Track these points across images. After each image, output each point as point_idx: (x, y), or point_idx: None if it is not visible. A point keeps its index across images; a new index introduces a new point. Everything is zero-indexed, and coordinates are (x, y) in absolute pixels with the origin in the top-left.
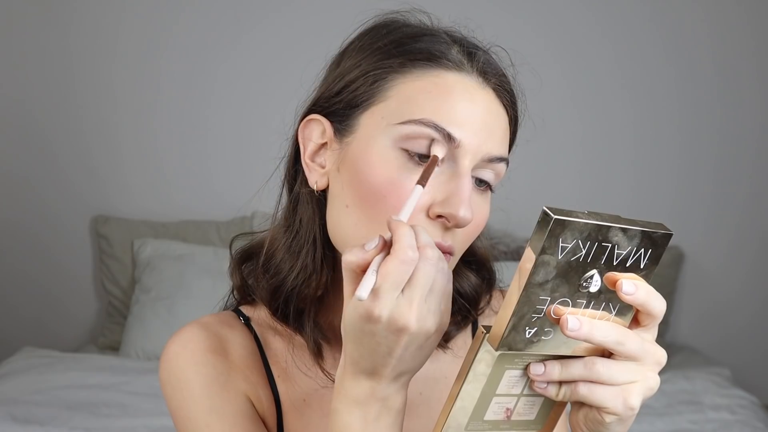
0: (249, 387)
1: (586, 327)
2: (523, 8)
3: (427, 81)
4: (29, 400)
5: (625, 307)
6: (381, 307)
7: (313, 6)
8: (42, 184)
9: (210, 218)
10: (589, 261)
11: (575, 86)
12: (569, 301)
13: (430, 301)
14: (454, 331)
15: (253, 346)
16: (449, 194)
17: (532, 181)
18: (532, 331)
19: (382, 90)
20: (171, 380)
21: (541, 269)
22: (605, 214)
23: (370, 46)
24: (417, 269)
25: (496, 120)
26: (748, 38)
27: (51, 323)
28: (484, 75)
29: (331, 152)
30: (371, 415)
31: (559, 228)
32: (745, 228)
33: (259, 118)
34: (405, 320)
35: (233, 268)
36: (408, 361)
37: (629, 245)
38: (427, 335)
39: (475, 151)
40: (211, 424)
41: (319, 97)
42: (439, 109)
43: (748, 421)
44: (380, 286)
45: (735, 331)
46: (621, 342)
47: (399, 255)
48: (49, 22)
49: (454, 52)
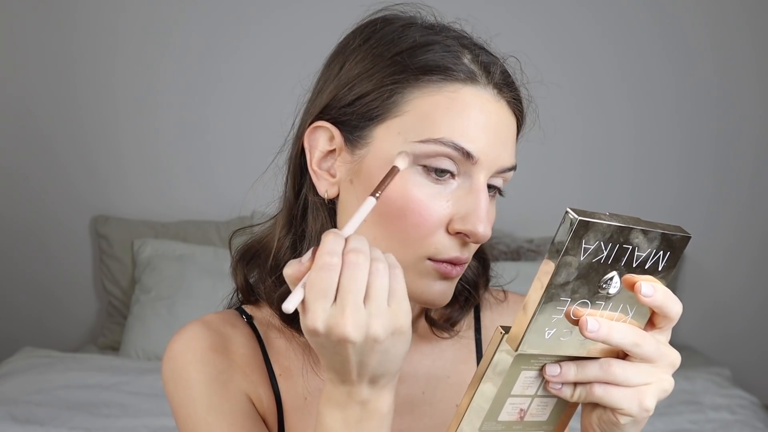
0: (249, 386)
1: (605, 329)
2: (524, 8)
3: (443, 96)
4: (29, 400)
5: (641, 309)
6: (313, 318)
7: (315, 6)
8: (42, 184)
9: (210, 218)
10: (609, 263)
11: (575, 85)
12: (588, 302)
13: (370, 305)
14: (458, 315)
15: (255, 345)
16: (468, 211)
17: (531, 181)
18: (552, 332)
19: (398, 104)
20: (173, 378)
21: (563, 270)
22: (625, 216)
23: (381, 54)
24: (342, 276)
25: (507, 131)
26: (747, 38)
27: (51, 323)
28: (499, 88)
29: (342, 162)
30: (352, 418)
31: (583, 229)
32: (746, 228)
33: (260, 118)
34: (341, 330)
35: (234, 268)
36: (375, 366)
37: (649, 247)
38: (376, 340)
39: (490, 166)
40: (212, 423)
41: (327, 104)
42: (457, 127)
43: (748, 421)
44: (306, 297)
45: (735, 331)
46: (638, 344)
47: (317, 262)
48: (50, 22)
49: (467, 62)
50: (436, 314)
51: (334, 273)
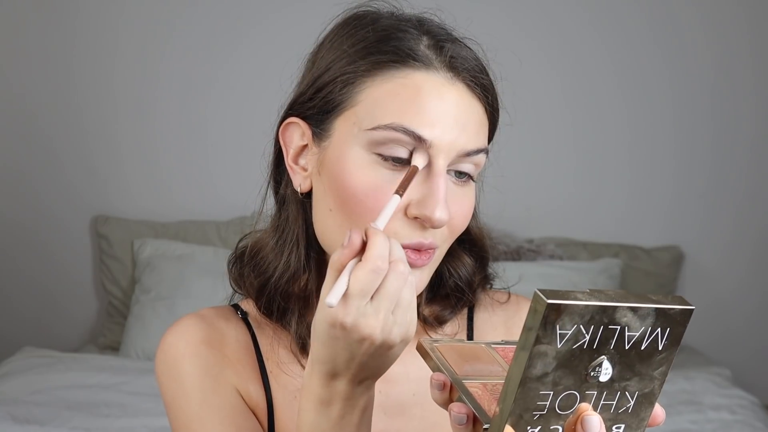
0: (240, 381)
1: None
2: (517, 8)
3: (395, 83)
4: (29, 400)
5: (645, 395)
6: (346, 313)
7: (313, 7)
8: (42, 184)
9: (210, 218)
10: (595, 347)
11: (570, 86)
12: (577, 394)
13: (397, 313)
14: (448, 314)
15: (248, 340)
16: (424, 195)
17: (531, 181)
18: (535, 430)
19: (352, 95)
20: (165, 371)
21: (538, 361)
22: (611, 292)
23: (339, 47)
24: (386, 281)
25: (468, 114)
26: (743, 37)
27: (51, 323)
28: (454, 70)
29: (312, 155)
30: (335, 413)
31: (554, 314)
32: (743, 226)
33: (260, 118)
34: (370, 329)
35: (227, 265)
36: (371, 368)
37: (641, 326)
38: (391, 346)
39: (448, 149)
40: (203, 417)
41: (294, 100)
42: (408, 112)
43: (748, 421)
44: (348, 293)
45: (735, 330)
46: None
47: (370, 264)
48: (50, 22)
49: (423, 47)
50: (426, 311)
51: (381, 277)
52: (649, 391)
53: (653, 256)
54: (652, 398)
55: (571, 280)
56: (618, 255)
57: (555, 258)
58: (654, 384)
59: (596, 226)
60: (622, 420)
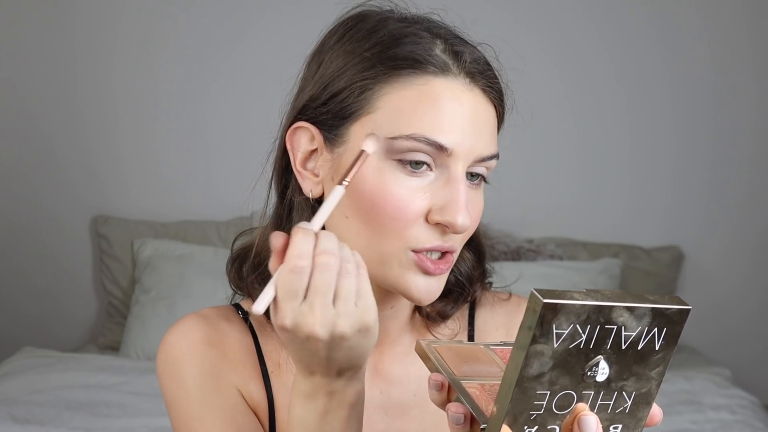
0: (240, 381)
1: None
2: (518, 7)
3: (414, 90)
4: (29, 400)
5: (642, 395)
6: (282, 317)
7: (313, 6)
8: (42, 184)
9: (210, 218)
10: (592, 347)
11: (571, 85)
12: (574, 394)
13: (339, 305)
14: (450, 309)
15: (249, 340)
16: (446, 201)
17: (532, 181)
18: (532, 430)
19: (370, 101)
20: (166, 370)
21: (534, 361)
22: (607, 292)
23: (353, 51)
24: (312, 277)
25: (483, 119)
26: (743, 37)
27: (51, 323)
28: (471, 75)
29: (323, 161)
30: (320, 408)
31: (551, 313)
32: (743, 227)
33: (260, 119)
34: (309, 328)
35: (228, 265)
36: (343, 361)
37: (638, 325)
38: (343, 337)
39: (467, 155)
40: (204, 417)
41: (304, 105)
42: (428, 120)
43: (748, 421)
44: (277, 297)
45: (735, 330)
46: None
47: (287, 265)
48: (50, 22)
49: (438, 52)
50: (429, 307)
51: (304, 275)
52: (646, 391)
53: (653, 256)
54: (650, 398)
55: (571, 280)
56: (618, 255)
57: (555, 258)
58: (651, 384)
59: (596, 226)
60: (620, 420)
